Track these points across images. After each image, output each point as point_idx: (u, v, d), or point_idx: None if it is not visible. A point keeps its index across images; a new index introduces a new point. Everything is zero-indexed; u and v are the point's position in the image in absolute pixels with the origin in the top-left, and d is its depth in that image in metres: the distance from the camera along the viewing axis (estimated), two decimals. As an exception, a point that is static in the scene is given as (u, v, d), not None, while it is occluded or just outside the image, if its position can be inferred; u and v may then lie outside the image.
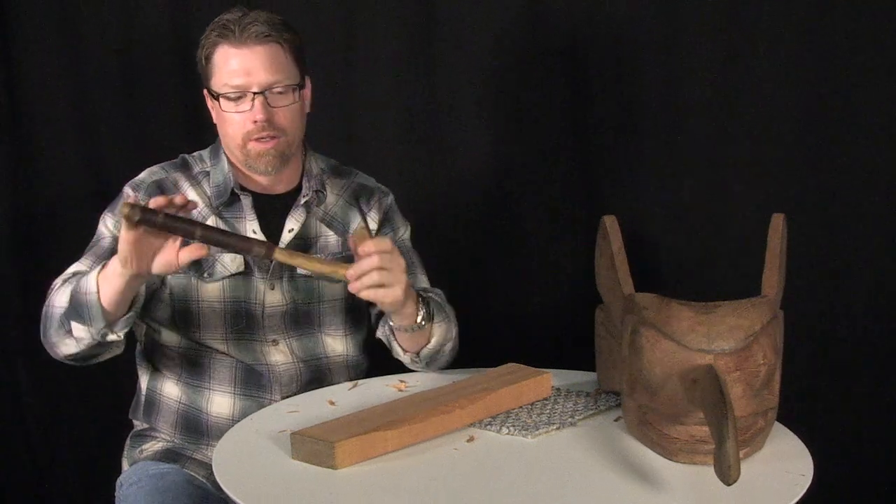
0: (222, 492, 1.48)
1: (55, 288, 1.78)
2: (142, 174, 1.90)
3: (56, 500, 2.62)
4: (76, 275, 1.78)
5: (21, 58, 2.47)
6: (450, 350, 1.89)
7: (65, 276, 1.80)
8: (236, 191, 1.87)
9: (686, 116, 2.30)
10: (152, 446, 1.91)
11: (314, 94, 1.93)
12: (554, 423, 1.64)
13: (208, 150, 1.94)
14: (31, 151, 2.50)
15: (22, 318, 2.53)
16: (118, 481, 1.90)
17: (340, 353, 1.95)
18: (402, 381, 1.88)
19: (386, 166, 2.35)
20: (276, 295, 1.89)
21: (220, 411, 1.88)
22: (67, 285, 1.74)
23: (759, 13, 2.23)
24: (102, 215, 1.88)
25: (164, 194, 1.82)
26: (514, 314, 2.45)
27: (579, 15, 2.33)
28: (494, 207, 2.44)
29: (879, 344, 2.27)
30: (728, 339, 1.46)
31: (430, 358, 1.87)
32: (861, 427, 2.31)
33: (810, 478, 1.44)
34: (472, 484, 1.44)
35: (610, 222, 1.74)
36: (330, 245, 1.93)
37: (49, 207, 2.50)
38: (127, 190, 1.88)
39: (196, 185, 1.89)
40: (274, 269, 1.88)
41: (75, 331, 1.71)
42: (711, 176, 2.30)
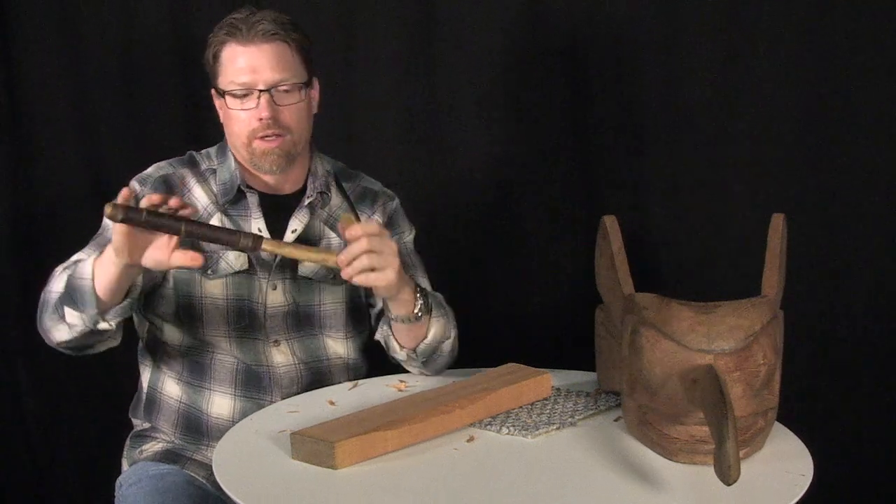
0: (222, 492, 1.48)
1: (55, 274, 1.77)
2: (149, 169, 1.90)
3: (56, 500, 2.62)
4: (77, 262, 1.78)
5: (21, 58, 2.47)
6: (448, 351, 1.89)
7: (66, 264, 1.79)
8: (243, 188, 1.88)
9: (686, 116, 2.30)
10: (152, 447, 1.91)
11: None
12: (554, 423, 1.64)
13: (215, 147, 1.94)
14: (31, 151, 2.50)
15: (22, 318, 2.53)
16: (118, 481, 1.90)
17: (341, 355, 1.95)
18: (402, 381, 1.88)
19: (386, 166, 2.35)
20: (279, 295, 1.89)
21: (220, 412, 1.88)
22: (66, 271, 1.74)
23: (759, 13, 2.23)
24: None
25: (170, 190, 1.84)
26: (514, 314, 2.45)
27: (579, 15, 2.33)
28: (494, 207, 2.43)
29: (879, 344, 2.27)
30: (728, 339, 1.46)
31: (428, 355, 1.86)
32: (861, 427, 2.31)
33: (810, 478, 1.44)
34: (472, 484, 1.44)
35: (610, 222, 1.74)
36: (333, 247, 1.92)
37: (49, 207, 2.50)
38: (133, 184, 1.87)
39: (203, 182, 1.89)
40: (276, 269, 1.88)
41: (68, 316, 1.70)
42: (711, 176, 2.30)
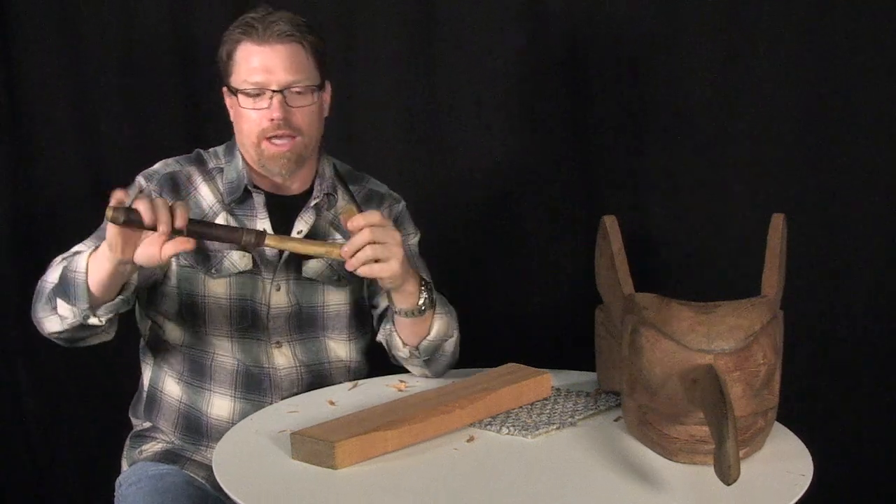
0: (222, 493, 1.48)
1: (54, 264, 1.77)
2: (156, 165, 1.90)
3: (56, 500, 2.62)
4: (75, 255, 1.77)
5: (21, 58, 2.47)
6: (450, 352, 1.88)
7: (65, 254, 1.79)
8: (249, 188, 1.88)
9: (686, 116, 2.30)
10: (152, 447, 1.91)
11: None
12: (554, 423, 1.64)
13: (223, 146, 1.94)
14: (31, 151, 2.49)
15: (22, 318, 2.51)
16: (117, 481, 1.90)
17: (343, 358, 1.95)
18: (402, 381, 1.88)
19: (386, 166, 2.35)
20: (282, 296, 1.88)
21: (220, 414, 1.87)
22: (62, 263, 1.74)
23: (759, 13, 2.23)
24: None
25: (176, 187, 1.85)
26: (514, 314, 2.45)
27: (579, 15, 2.33)
28: (494, 207, 2.43)
29: (879, 344, 2.27)
30: (728, 339, 1.46)
31: (430, 353, 1.85)
32: (861, 427, 2.31)
33: (810, 478, 1.44)
34: (472, 484, 1.44)
35: (610, 222, 1.74)
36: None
37: (49, 207, 2.50)
38: (139, 179, 1.87)
39: (209, 180, 1.89)
40: (280, 270, 1.88)
41: (60, 308, 1.70)
42: (711, 176, 2.30)
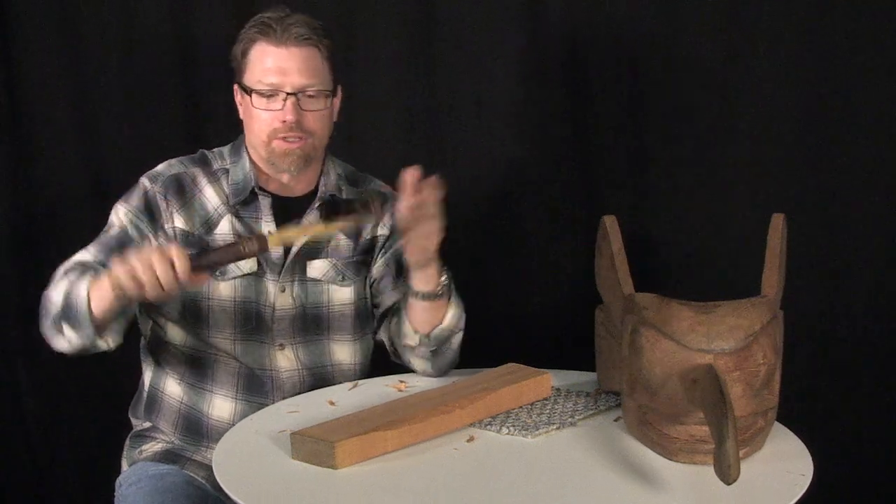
0: (222, 493, 1.48)
1: (57, 277, 1.77)
2: (160, 166, 1.90)
3: (56, 500, 2.62)
4: (79, 265, 1.78)
5: (21, 58, 2.47)
6: (456, 348, 1.89)
7: (67, 266, 1.79)
8: (256, 190, 1.87)
9: (686, 116, 2.30)
10: (152, 447, 1.91)
11: None
12: (554, 423, 1.64)
13: (229, 147, 1.94)
14: (31, 151, 2.49)
15: (22, 318, 2.52)
16: (117, 481, 1.90)
17: (346, 361, 1.94)
18: (402, 381, 1.88)
19: (386, 166, 2.34)
20: (287, 298, 1.88)
21: (221, 415, 1.87)
22: (65, 279, 1.74)
23: (759, 13, 2.23)
24: (115, 205, 1.87)
25: (181, 189, 1.85)
26: (514, 314, 2.44)
27: (579, 15, 2.32)
28: (494, 207, 2.43)
29: (879, 344, 2.27)
30: (728, 339, 1.46)
31: (440, 342, 1.85)
32: (861, 427, 2.31)
33: (810, 478, 1.44)
34: (472, 484, 1.44)
35: (610, 222, 1.74)
36: (341, 248, 1.93)
37: (49, 207, 2.50)
38: (144, 181, 1.87)
39: (214, 181, 1.88)
40: (285, 271, 1.88)
41: (66, 332, 1.71)
42: (711, 176, 2.30)
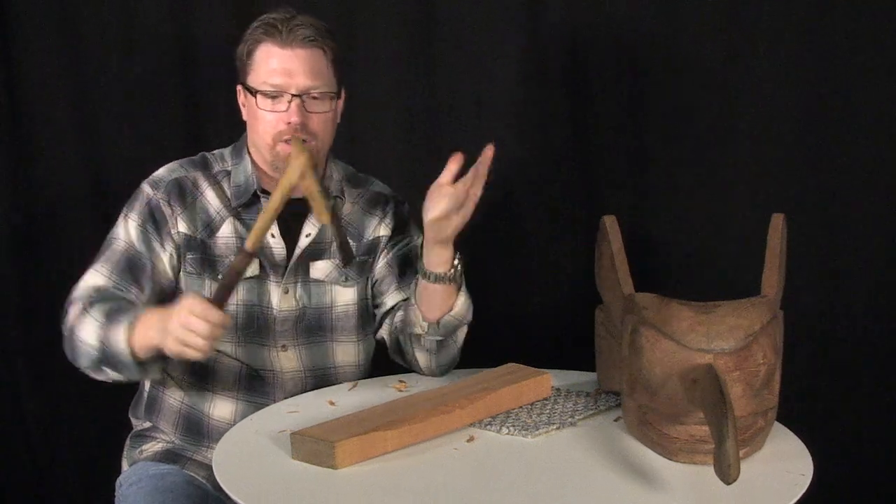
0: (222, 492, 1.48)
1: (76, 309, 1.77)
2: (160, 171, 1.89)
3: (56, 500, 2.62)
4: (97, 293, 1.79)
5: (21, 58, 2.47)
6: (460, 341, 1.89)
7: (84, 295, 1.79)
8: (259, 193, 1.87)
9: (686, 116, 2.30)
10: (152, 447, 1.91)
11: None
12: (554, 423, 1.64)
13: (230, 149, 1.94)
14: (31, 151, 2.49)
15: (22, 318, 2.53)
16: (118, 481, 1.90)
17: (348, 362, 1.94)
18: (402, 382, 1.88)
19: (386, 166, 2.35)
20: (290, 299, 1.88)
21: (222, 415, 1.87)
22: (90, 317, 1.74)
23: (759, 13, 2.23)
24: (121, 217, 1.87)
25: (183, 193, 1.84)
26: (514, 314, 2.44)
27: (579, 15, 2.32)
28: (494, 207, 2.42)
29: (879, 344, 2.27)
30: (728, 339, 1.46)
31: (449, 331, 1.84)
32: (861, 427, 2.31)
33: (810, 478, 1.44)
34: (472, 484, 1.44)
35: (610, 222, 1.74)
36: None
37: (49, 207, 2.50)
38: (146, 188, 1.87)
39: (215, 184, 1.88)
40: (289, 273, 1.88)
41: (109, 373, 1.77)
42: (711, 176, 2.30)
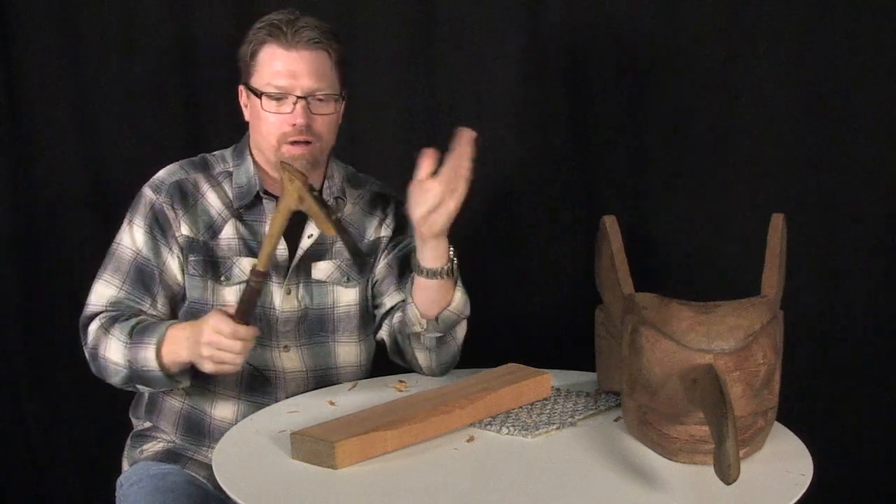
0: (223, 492, 1.48)
1: (97, 328, 1.81)
2: (161, 174, 1.89)
3: (56, 500, 2.62)
4: (112, 306, 1.82)
5: (21, 58, 2.47)
6: (460, 338, 1.88)
7: (100, 310, 1.83)
8: (261, 194, 1.87)
9: (686, 116, 2.30)
10: (153, 446, 1.91)
11: None
12: (554, 423, 1.64)
13: (231, 149, 1.93)
14: (31, 151, 2.49)
15: (22, 318, 2.53)
16: (118, 481, 1.90)
17: (350, 362, 1.95)
18: (402, 382, 1.88)
19: (386, 166, 2.35)
20: (292, 300, 1.88)
21: (224, 415, 1.87)
22: (112, 337, 1.78)
23: (759, 13, 2.23)
24: (125, 223, 1.87)
25: (184, 196, 1.85)
26: (514, 314, 2.44)
27: (579, 15, 2.32)
28: (494, 207, 2.43)
29: (879, 344, 2.27)
30: (728, 339, 1.46)
31: (448, 327, 1.84)
32: (861, 427, 2.31)
33: (810, 478, 1.44)
34: (472, 484, 1.44)
35: (610, 222, 1.74)
36: (345, 250, 1.92)
37: (49, 207, 2.50)
38: (147, 192, 1.87)
39: (216, 185, 1.88)
40: (291, 274, 1.88)
41: (141, 388, 1.84)
42: (711, 176, 2.30)
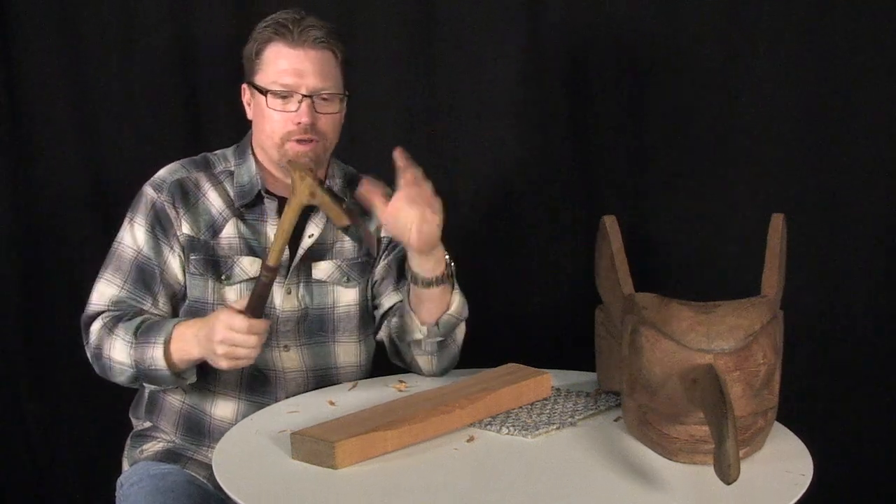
0: (223, 492, 1.48)
1: (99, 328, 1.81)
2: (162, 172, 1.89)
3: (56, 500, 2.62)
4: (115, 305, 1.82)
5: (21, 58, 2.47)
6: (460, 340, 1.89)
7: (103, 312, 1.82)
8: (263, 193, 1.87)
9: (686, 116, 2.30)
10: (153, 446, 1.91)
11: None
12: (554, 423, 1.64)
13: (232, 148, 1.93)
14: (31, 151, 2.49)
15: (22, 318, 2.53)
16: (118, 481, 1.90)
17: (350, 362, 1.95)
18: (402, 382, 1.89)
19: (386, 167, 2.34)
20: (293, 299, 1.88)
21: (224, 415, 1.87)
22: (117, 336, 1.78)
23: (759, 13, 2.23)
24: (126, 222, 1.87)
25: (185, 195, 1.85)
26: (514, 314, 2.44)
27: (579, 15, 2.32)
28: (494, 207, 2.43)
29: (879, 344, 2.27)
30: (728, 339, 1.46)
31: (448, 330, 1.85)
32: (861, 427, 2.31)
33: (810, 478, 1.44)
34: (472, 484, 1.44)
35: (610, 222, 1.74)
36: (346, 250, 1.93)
37: (49, 207, 2.50)
38: (148, 190, 1.87)
39: (217, 184, 1.88)
40: (291, 274, 1.88)
41: (147, 386, 1.84)
42: (711, 176, 2.30)
